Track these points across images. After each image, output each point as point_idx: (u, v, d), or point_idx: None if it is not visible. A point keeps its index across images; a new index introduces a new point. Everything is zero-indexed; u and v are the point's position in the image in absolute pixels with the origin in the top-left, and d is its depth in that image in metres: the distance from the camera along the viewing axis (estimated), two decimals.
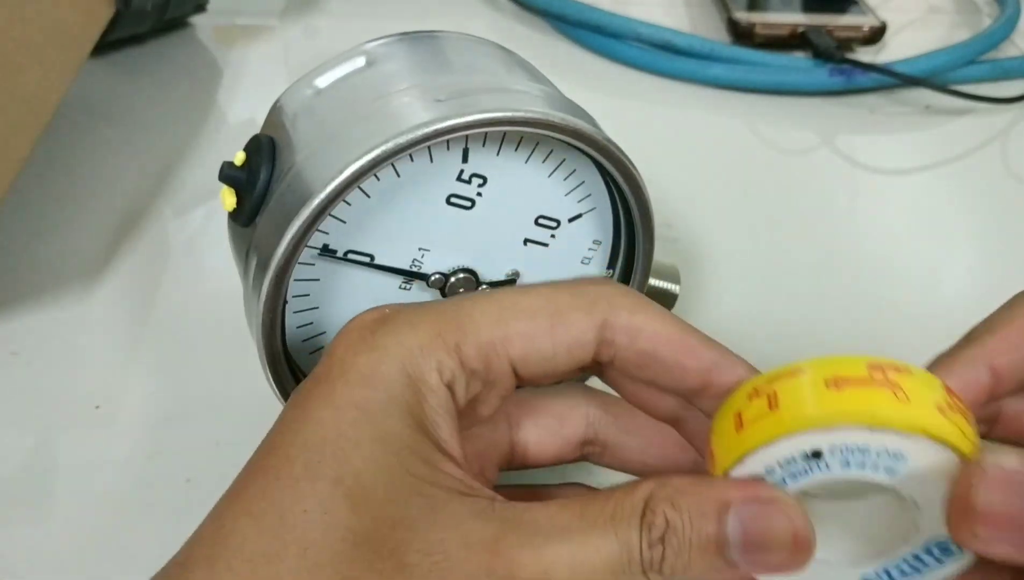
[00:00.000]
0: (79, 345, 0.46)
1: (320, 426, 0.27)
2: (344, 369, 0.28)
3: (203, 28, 0.72)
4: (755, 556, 0.26)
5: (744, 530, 0.26)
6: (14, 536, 0.37)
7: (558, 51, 0.73)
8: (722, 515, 0.26)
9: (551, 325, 0.29)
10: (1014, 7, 0.75)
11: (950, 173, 0.62)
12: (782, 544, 0.26)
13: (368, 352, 0.28)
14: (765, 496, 0.26)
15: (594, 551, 0.25)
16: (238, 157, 0.34)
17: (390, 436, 0.27)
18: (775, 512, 0.26)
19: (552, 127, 0.33)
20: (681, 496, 0.26)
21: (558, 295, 0.30)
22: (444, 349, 0.28)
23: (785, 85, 0.68)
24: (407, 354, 0.28)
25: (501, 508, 0.26)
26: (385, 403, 0.27)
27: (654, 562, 0.26)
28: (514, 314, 0.29)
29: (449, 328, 0.29)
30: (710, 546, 0.26)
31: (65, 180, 0.56)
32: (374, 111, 0.33)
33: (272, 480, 0.26)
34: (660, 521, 0.26)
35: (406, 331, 0.29)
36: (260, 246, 0.33)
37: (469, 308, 0.29)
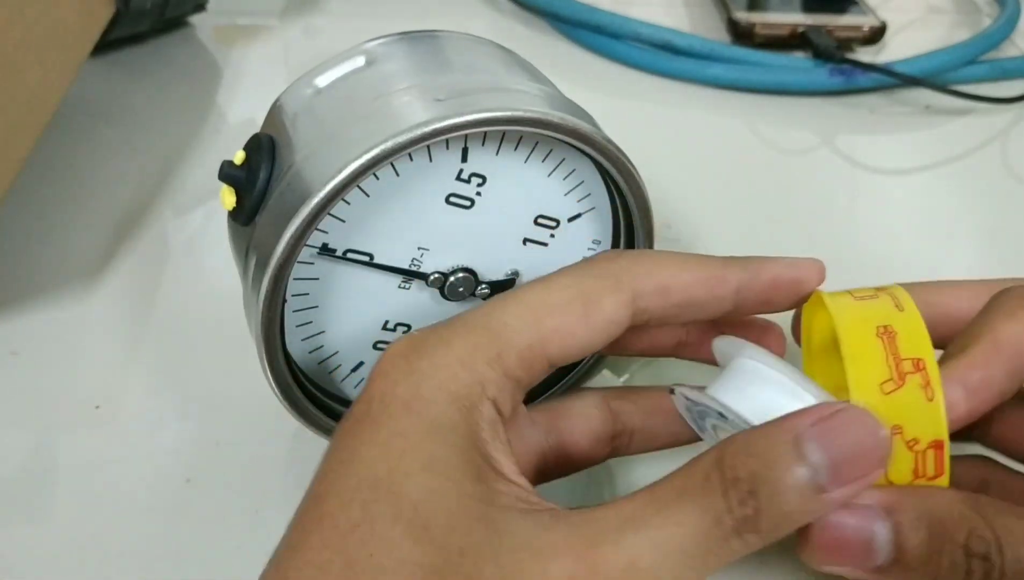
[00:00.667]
0: (79, 345, 0.46)
1: (370, 465, 0.26)
2: (385, 402, 0.27)
3: (203, 28, 0.72)
4: (844, 474, 0.25)
5: (826, 450, 0.25)
6: (14, 536, 0.37)
7: (558, 51, 0.73)
8: (800, 445, 0.25)
9: (585, 314, 0.29)
10: (1014, 7, 0.75)
11: (950, 173, 0.62)
12: (865, 450, 0.25)
13: (406, 379, 0.28)
14: (830, 412, 0.26)
15: (676, 527, 0.25)
16: (238, 156, 0.34)
17: (440, 461, 0.26)
18: (847, 422, 0.25)
19: (551, 126, 0.33)
20: (753, 444, 0.25)
21: (583, 281, 0.30)
22: (484, 361, 0.28)
23: (785, 85, 0.68)
24: (446, 373, 0.28)
25: (565, 515, 0.26)
26: (431, 427, 0.27)
27: (748, 519, 0.25)
28: (547, 312, 0.29)
29: (485, 340, 0.28)
30: (801, 482, 0.25)
31: (65, 180, 0.55)
32: (373, 110, 0.33)
33: (331, 528, 0.26)
34: (745, 474, 0.25)
35: (441, 350, 0.28)
36: (259, 245, 0.33)
37: (500, 314, 0.29)
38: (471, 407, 0.27)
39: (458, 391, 0.27)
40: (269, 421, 0.40)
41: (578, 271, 0.31)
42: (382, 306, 0.36)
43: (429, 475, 0.26)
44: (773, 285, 0.31)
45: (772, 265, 0.31)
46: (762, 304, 0.32)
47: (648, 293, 0.30)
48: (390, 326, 0.37)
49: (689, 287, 0.30)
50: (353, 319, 0.36)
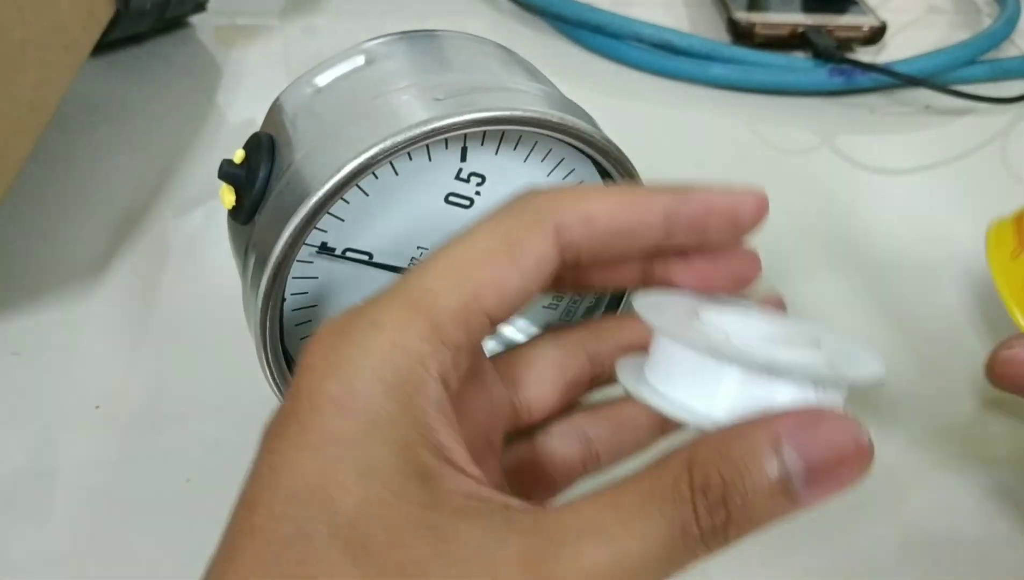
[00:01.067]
0: (79, 345, 0.46)
1: (301, 474, 0.24)
2: (313, 400, 0.25)
3: (203, 28, 0.72)
4: (821, 481, 0.24)
5: (803, 456, 0.23)
6: (14, 536, 0.37)
7: (558, 51, 0.73)
8: (779, 451, 0.23)
9: (512, 259, 0.27)
10: (1014, 7, 0.75)
11: (950, 173, 0.62)
12: (846, 459, 0.24)
13: (335, 373, 0.25)
14: (812, 415, 0.24)
15: (638, 540, 0.23)
16: (237, 155, 0.34)
17: (379, 466, 0.24)
18: (829, 427, 0.24)
19: (550, 126, 0.33)
20: (728, 448, 0.24)
21: (503, 224, 0.28)
22: (418, 337, 0.25)
23: (785, 85, 0.68)
24: (380, 360, 0.25)
25: (520, 518, 0.24)
26: (367, 427, 0.24)
27: (717, 528, 0.23)
28: (473, 266, 0.27)
29: (415, 312, 0.26)
30: (775, 488, 0.23)
31: (65, 180, 0.55)
32: (373, 109, 0.33)
33: (263, 543, 0.23)
34: (716, 481, 0.23)
35: (371, 334, 0.25)
36: (258, 244, 0.33)
37: (425, 281, 0.26)
38: (412, 394, 0.25)
39: (395, 379, 0.25)
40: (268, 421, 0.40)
41: (497, 216, 0.28)
42: None
43: (366, 484, 0.23)
44: (705, 212, 0.28)
45: (704, 192, 0.28)
46: (696, 232, 0.29)
47: (572, 224, 0.27)
48: None
49: (613, 213, 0.28)
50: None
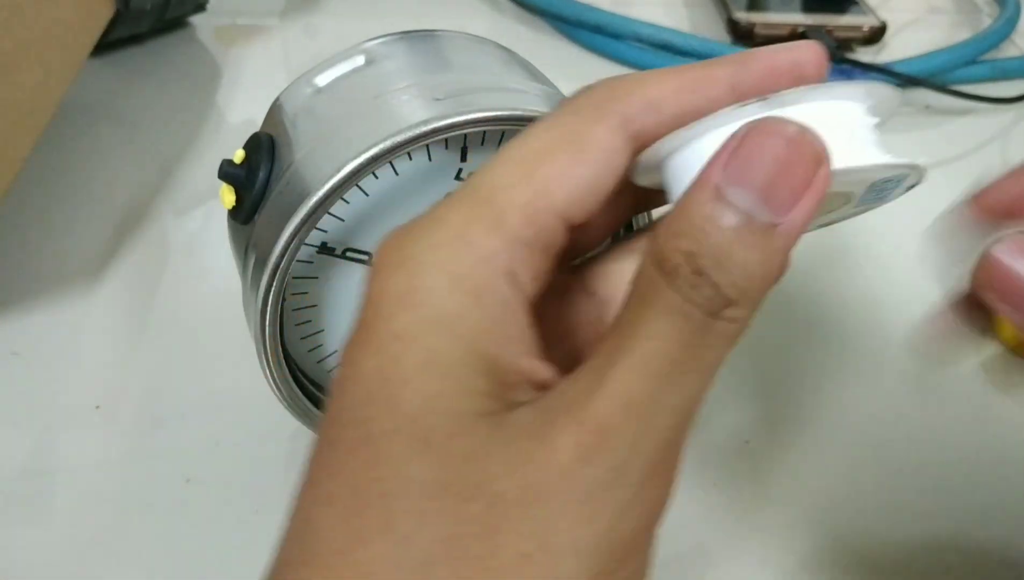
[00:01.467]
0: (79, 345, 0.46)
1: (364, 376, 0.23)
2: (378, 302, 0.24)
3: (203, 28, 0.72)
4: (780, 196, 0.22)
5: (747, 187, 0.22)
6: (14, 536, 0.37)
7: (558, 51, 0.73)
8: (721, 198, 0.22)
9: (577, 151, 0.25)
10: (1014, 7, 0.75)
11: (950, 173, 0.62)
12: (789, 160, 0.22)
13: (398, 270, 0.24)
14: (736, 140, 0.22)
15: (651, 341, 0.22)
16: (237, 155, 0.34)
17: (441, 358, 0.23)
18: (755, 141, 0.22)
19: None
20: (674, 223, 0.23)
21: (563, 120, 0.26)
22: (483, 231, 0.24)
23: None
24: (445, 254, 0.24)
25: (558, 386, 0.23)
26: (429, 322, 0.23)
27: (713, 297, 0.22)
28: (536, 161, 0.25)
29: (480, 207, 0.25)
30: (740, 231, 0.22)
31: (65, 180, 0.56)
32: (372, 110, 0.33)
33: (334, 455, 0.23)
34: (678, 258, 0.22)
35: (436, 229, 0.24)
36: (259, 243, 0.33)
37: (489, 178, 0.25)
38: (478, 287, 0.24)
39: (461, 272, 0.24)
40: (269, 421, 0.40)
41: (556, 113, 0.27)
42: None
43: (427, 377, 0.23)
44: (770, 73, 0.27)
45: (763, 53, 0.27)
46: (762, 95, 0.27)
47: (637, 112, 0.26)
48: None
49: (678, 95, 0.26)
50: (352, 318, 0.36)
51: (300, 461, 0.40)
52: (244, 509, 0.39)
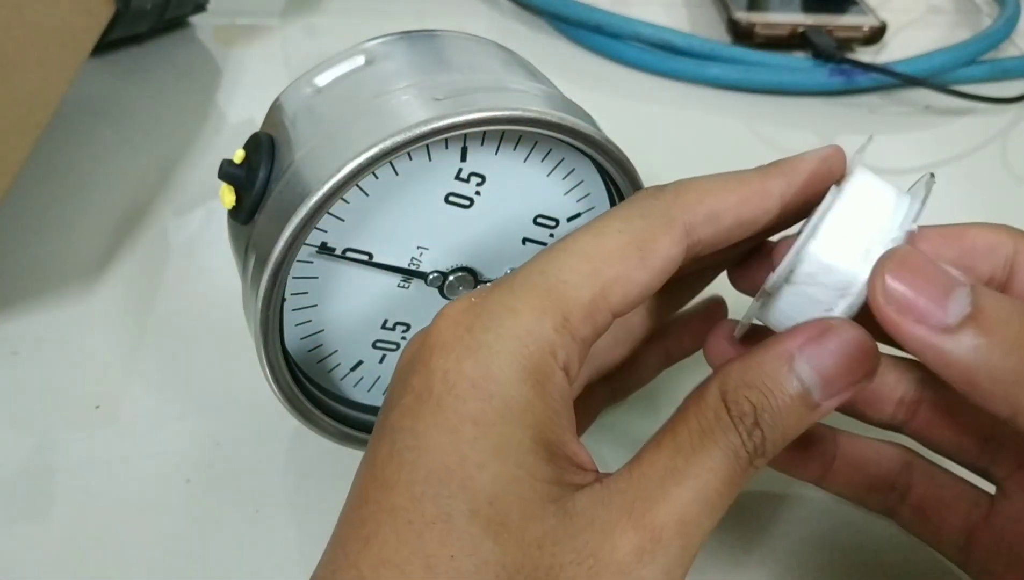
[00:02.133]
0: (79, 345, 0.46)
1: (440, 454, 0.25)
2: (449, 381, 0.26)
3: (203, 28, 0.72)
4: (835, 387, 0.27)
5: (815, 367, 0.26)
6: (14, 536, 0.37)
7: (558, 51, 0.73)
8: (793, 368, 0.26)
9: (642, 258, 0.28)
10: (1014, 7, 0.75)
11: (950, 173, 0.62)
12: (854, 363, 0.27)
13: (472, 355, 0.26)
14: (819, 331, 0.27)
15: (708, 473, 0.26)
16: (237, 155, 0.34)
17: (513, 446, 0.25)
18: (835, 339, 0.27)
19: (549, 126, 0.33)
20: (748, 373, 0.27)
21: (634, 223, 0.28)
22: (552, 327, 0.26)
23: (785, 85, 0.68)
24: (516, 347, 0.26)
25: (615, 483, 0.26)
26: (502, 410, 0.26)
27: (758, 447, 0.26)
28: (604, 261, 0.27)
29: (549, 302, 0.27)
30: (796, 401, 0.26)
31: (65, 180, 0.56)
32: (372, 109, 0.33)
33: (405, 524, 0.25)
34: (747, 407, 0.26)
35: (508, 320, 0.26)
36: (258, 243, 0.33)
37: (558, 271, 0.27)
38: (543, 380, 0.26)
39: (529, 366, 0.26)
40: (269, 421, 0.40)
41: (626, 213, 0.29)
42: (381, 305, 0.37)
43: (502, 464, 0.25)
44: (810, 183, 0.30)
45: (804, 164, 0.30)
46: (803, 205, 0.31)
47: (699, 223, 0.29)
48: (389, 325, 0.37)
49: (738, 208, 0.29)
50: (352, 318, 0.36)
51: (300, 461, 0.40)
52: (244, 509, 0.39)
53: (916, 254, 0.27)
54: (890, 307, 0.26)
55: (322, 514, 0.38)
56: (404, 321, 0.37)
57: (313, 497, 0.39)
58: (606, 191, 0.37)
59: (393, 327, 0.37)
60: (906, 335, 0.26)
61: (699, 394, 0.27)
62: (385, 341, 0.37)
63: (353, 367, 0.38)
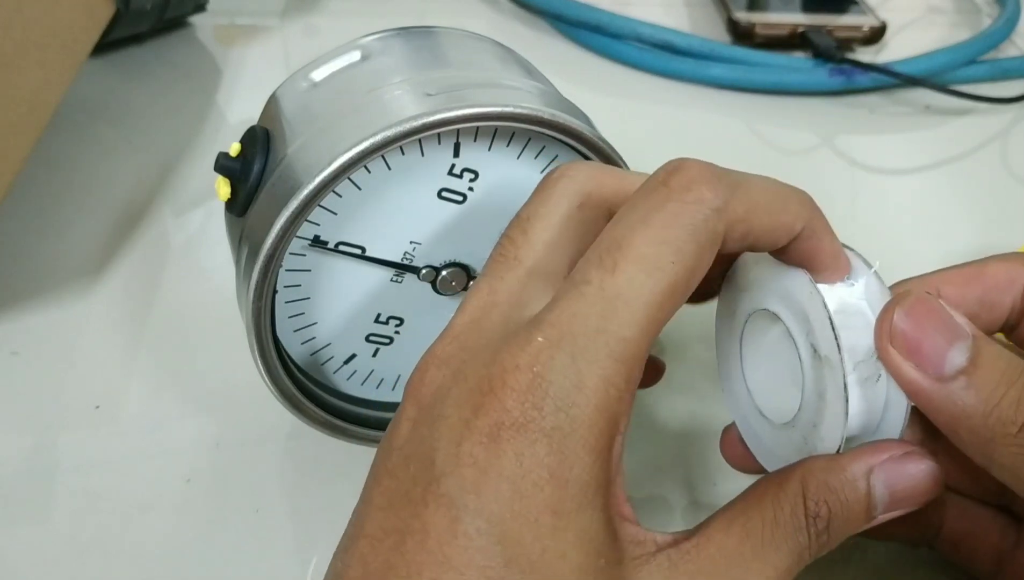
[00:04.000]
0: (79, 345, 0.46)
1: (519, 544, 0.24)
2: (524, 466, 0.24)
3: (203, 28, 0.72)
4: (899, 505, 0.28)
5: (890, 488, 0.27)
6: (14, 536, 0.37)
7: (558, 51, 0.73)
8: (870, 486, 0.27)
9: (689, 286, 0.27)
10: (1014, 7, 0.75)
11: (950, 173, 0.62)
12: (921, 491, 0.28)
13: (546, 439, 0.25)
14: (900, 450, 0.28)
15: (772, 569, 0.26)
16: (233, 148, 0.35)
17: (591, 534, 0.25)
18: (913, 465, 0.28)
19: (542, 123, 0.33)
20: (832, 477, 0.27)
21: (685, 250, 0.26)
22: (618, 397, 0.25)
23: (785, 85, 0.68)
24: (587, 429, 0.25)
25: (683, 558, 0.26)
26: (580, 499, 0.25)
27: (819, 549, 0.27)
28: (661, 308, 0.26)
29: (614, 368, 0.25)
30: (862, 514, 0.27)
31: (65, 180, 0.56)
32: (365, 104, 0.33)
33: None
34: (824, 511, 0.27)
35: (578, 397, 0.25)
36: (251, 235, 0.33)
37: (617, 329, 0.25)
38: (608, 456, 0.26)
39: (599, 446, 0.25)
40: (269, 421, 0.40)
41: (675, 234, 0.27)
42: (374, 299, 0.37)
43: (584, 555, 0.25)
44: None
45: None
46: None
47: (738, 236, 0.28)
48: (382, 319, 0.37)
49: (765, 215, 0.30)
50: (345, 311, 0.36)
51: (299, 461, 0.40)
52: (244, 509, 0.39)
53: (927, 301, 0.28)
54: (894, 349, 0.27)
55: (322, 514, 0.38)
56: (397, 315, 0.37)
57: (313, 497, 0.39)
58: None
59: (386, 321, 0.37)
60: (904, 377, 0.28)
61: (780, 482, 0.27)
62: (378, 335, 0.38)
63: (346, 360, 0.38)
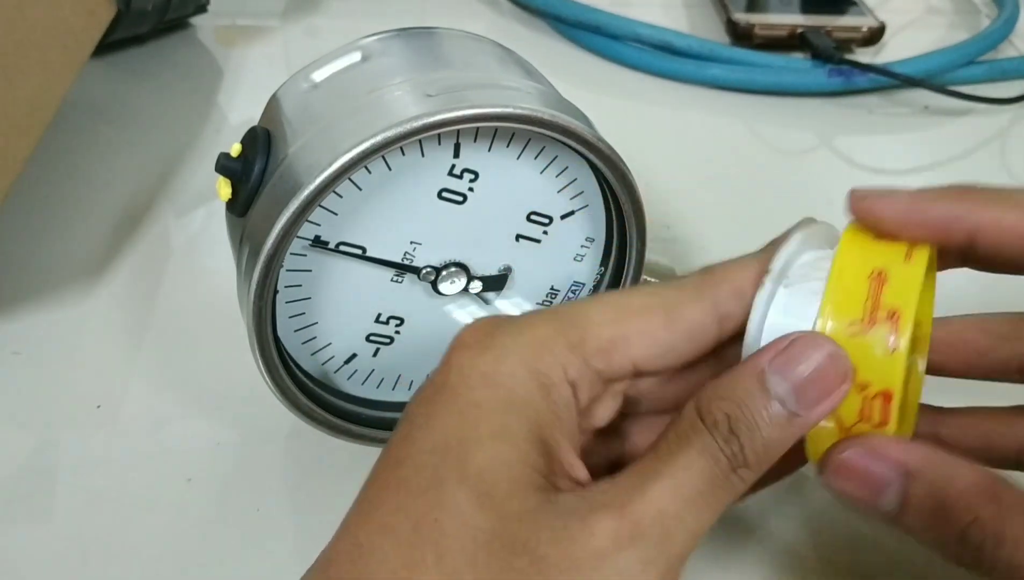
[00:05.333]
0: (80, 345, 0.46)
1: (444, 431, 0.27)
2: (464, 373, 0.28)
3: (204, 29, 0.72)
4: (810, 396, 0.28)
5: (789, 380, 0.27)
6: (14, 536, 0.37)
7: (557, 52, 0.73)
8: (763, 381, 0.28)
9: (667, 319, 0.30)
10: (1012, 8, 0.75)
11: (949, 173, 0.62)
12: (824, 371, 0.28)
13: (487, 353, 0.29)
14: (786, 343, 0.28)
15: (685, 471, 0.27)
16: (234, 148, 0.35)
17: (510, 432, 0.27)
18: (803, 349, 0.28)
19: (541, 124, 0.33)
20: (720, 388, 0.28)
21: (663, 291, 0.31)
22: (567, 345, 0.29)
23: (784, 86, 0.68)
24: (529, 351, 0.28)
25: (598, 486, 0.27)
26: (506, 400, 0.28)
27: (736, 454, 0.27)
28: (628, 313, 0.30)
29: (568, 327, 0.29)
30: (772, 414, 0.27)
31: (66, 180, 0.56)
32: (365, 105, 0.33)
33: (404, 493, 0.27)
34: (720, 417, 0.27)
35: (525, 330, 0.29)
36: (252, 235, 0.33)
37: (584, 310, 0.30)
38: (549, 386, 0.28)
39: (539, 368, 0.28)
40: (269, 421, 0.40)
41: (657, 285, 0.32)
42: (375, 299, 0.37)
43: (497, 443, 0.27)
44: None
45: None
46: None
47: (726, 298, 0.30)
48: (382, 319, 0.37)
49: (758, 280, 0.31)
50: (346, 311, 0.37)
51: (300, 461, 0.40)
52: (245, 508, 0.39)
53: (857, 457, 0.29)
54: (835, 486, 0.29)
55: (322, 513, 0.38)
56: (397, 315, 0.37)
57: (313, 496, 0.39)
58: (600, 190, 0.37)
59: (387, 321, 0.37)
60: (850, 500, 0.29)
61: (680, 412, 0.28)
62: (378, 334, 0.38)
63: (347, 360, 0.38)
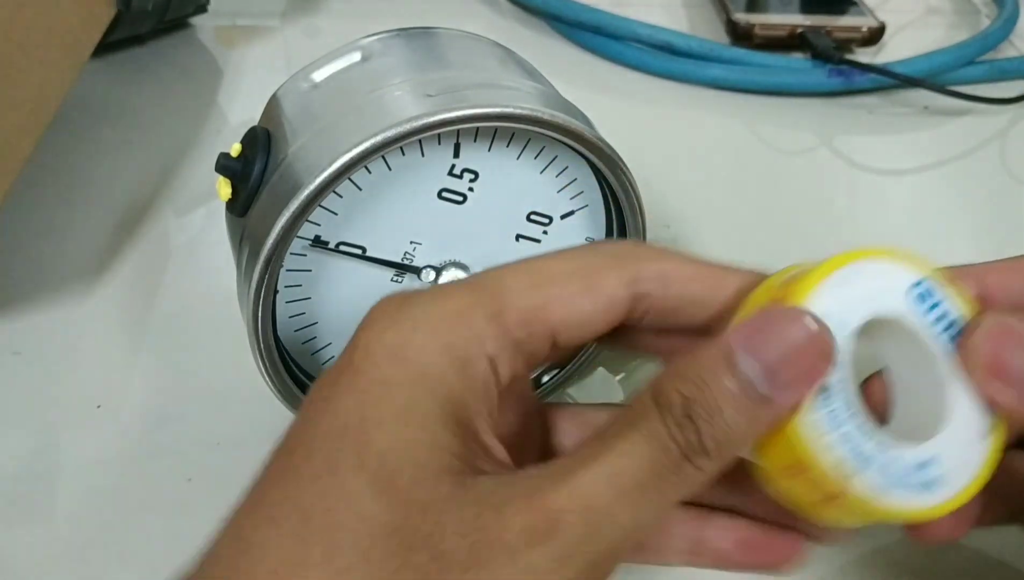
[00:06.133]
0: (80, 345, 0.46)
1: (342, 413, 0.24)
2: (370, 350, 0.25)
3: (204, 29, 0.72)
4: (784, 375, 0.24)
5: (759, 360, 0.24)
6: (14, 536, 0.37)
7: (557, 52, 0.73)
8: (731, 362, 0.24)
9: (587, 286, 0.27)
10: (1012, 8, 0.75)
11: (949, 173, 0.62)
12: (800, 349, 0.24)
13: (395, 326, 0.26)
14: (758, 321, 0.25)
15: (624, 458, 0.24)
16: (234, 148, 0.35)
17: (418, 409, 0.24)
18: (775, 322, 0.25)
19: (541, 123, 0.33)
20: (684, 368, 0.25)
21: (585, 256, 0.28)
22: (483, 316, 0.26)
23: (784, 86, 0.68)
24: (442, 323, 0.26)
25: (527, 470, 0.25)
26: (414, 375, 0.25)
27: (692, 443, 0.24)
28: (548, 279, 0.27)
29: (486, 296, 0.26)
30: (738, 396, 0.24)
31: (66, 180, 0.56)
32: (365, 105, 0.33)
33: (292, 481, 0.24)
34: (675, 398, 0.24)
35: (438, 301, 0.26)
36: (252, 235, 0.33)
37: (500, 277, 0.27)
38: (465, 361, 0.25)
39: (453, 342, 0.25)
40: (269, 421, 0.40)
41: (579, 249, 0.29)
42: (375, 299, 0.36)
43: (402, 424, 0.24)
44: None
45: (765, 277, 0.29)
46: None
47: (649, 278, 0.28)
48: None
49: (689, 281, 0.28)
50: (346, 311, 0.37)
51: None
52: None
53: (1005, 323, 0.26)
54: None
55: None
56: None
57: None
58: (600, 189, 0.37)
59: None
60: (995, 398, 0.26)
61: (635, 396, 0.25)
62: None
63: None
